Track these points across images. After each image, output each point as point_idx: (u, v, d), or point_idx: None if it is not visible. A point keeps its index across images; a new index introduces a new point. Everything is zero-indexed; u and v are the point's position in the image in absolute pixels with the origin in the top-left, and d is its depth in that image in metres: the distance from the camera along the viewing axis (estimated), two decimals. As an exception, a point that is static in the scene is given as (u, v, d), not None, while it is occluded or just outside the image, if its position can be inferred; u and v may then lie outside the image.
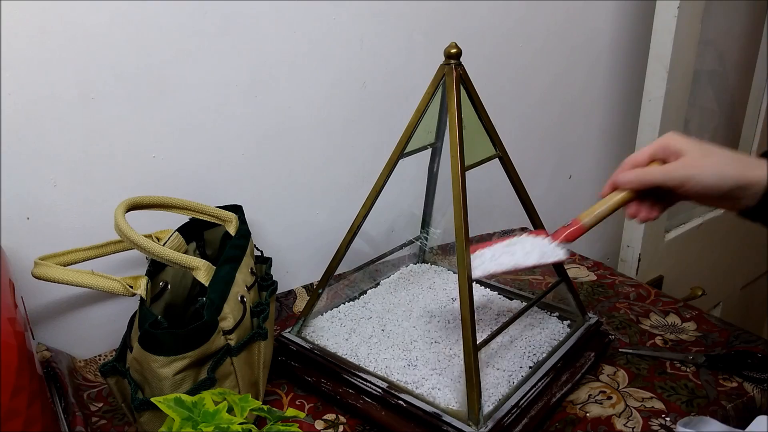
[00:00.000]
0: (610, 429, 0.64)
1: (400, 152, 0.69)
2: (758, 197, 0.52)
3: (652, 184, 0.56)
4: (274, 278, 0.75)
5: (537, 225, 0.71)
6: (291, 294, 0.94)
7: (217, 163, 0.85)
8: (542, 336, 0.73)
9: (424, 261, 0.94)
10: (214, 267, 0.64)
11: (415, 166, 0.76)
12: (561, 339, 0.73)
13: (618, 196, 0.58)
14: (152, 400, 0.50)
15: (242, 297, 0.64)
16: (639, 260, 1.32)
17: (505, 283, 0.86)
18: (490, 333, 0.65)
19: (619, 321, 0.84)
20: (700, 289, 1.36)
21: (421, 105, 0.68)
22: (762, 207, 0.52)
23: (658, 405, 0.67)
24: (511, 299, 0.82)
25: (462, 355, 0.61)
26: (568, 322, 0.76)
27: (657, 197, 0.58)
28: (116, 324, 0.81)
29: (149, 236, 0.72)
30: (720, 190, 0.53)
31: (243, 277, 0.66)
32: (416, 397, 0.63)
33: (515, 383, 0.65)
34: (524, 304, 0.72)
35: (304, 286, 0.96)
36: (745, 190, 0.53)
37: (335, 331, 0.75)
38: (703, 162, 0.53)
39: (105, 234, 0.67)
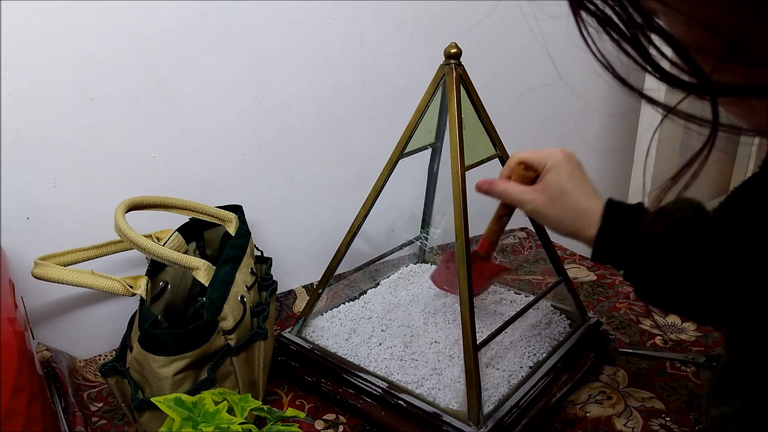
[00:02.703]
0: (610, 429, 0.64)
1: (400, 152, 0.69)
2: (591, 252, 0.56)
3: (509, 202, 0.61)
4: (274, 278, 0.75)
5: (537, 225, 0.71)
6: (291, 294, 0.94)
7: (217, 163, 0.85)
8: (542, 336, 0.73)
9: (424, 261, 0.94)
10: (214, 267, 0.64)
11: (415, 166, 0.76)
12: (561, 339, 0.73)
13: (499, 213, 0.65)
14: (152, 400, 0.50)
15: (242, 297, 0.64)
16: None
17: (505, 283, 0.86)
18: (490, 333, 0.65)
19: (619, 321, 0.84)
20: (700, 289, 1.36)
21: (421, 105, 0.68)
22: (596, 257, 0.55)
23: (658, 405, 0.67)
24: (511, 299, 0.82)
25: (462, 355, 0.61)
26: (568, 322, 0.76)
27: None
28: (116, 324, 0.81)
29: (149, 236, 0.72)
30: (560, 232, 0.58)
31: (243, 277, 0.66)
32: (416, 397, 0.63)
33: (515, 383, 0.65)
34: (524, 304, 0.72)
35: (304, 286, 0.96)
36: (582, 241, 0.57)
37: (335, 331, 0.75)
38: (547, 210, 0.57)
39: (105, 234, 0.67)
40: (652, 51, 0.25)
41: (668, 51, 0.25)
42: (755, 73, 0.22)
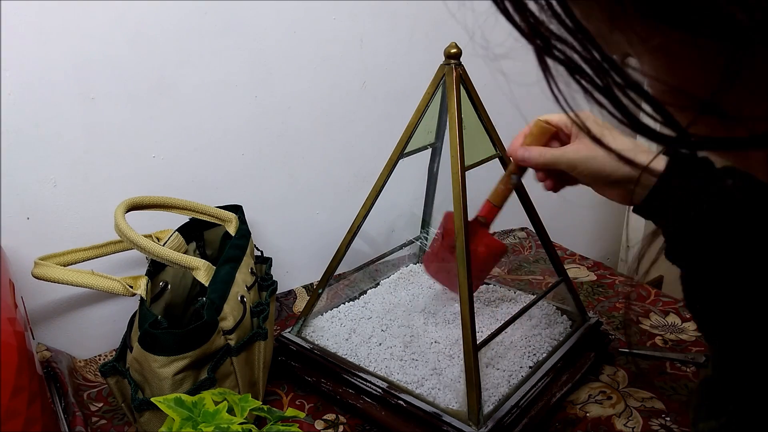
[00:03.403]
0: (610, 429, 0.64)
1: (400, 152, 0.69)
2: (644, 195, 0.51)
3: (544, 165, 0.57)
4: (274, 278, 0.75)
5: (537, 225, 0.71)
6: (291, 294, 0.94)
7: (217, 163, 0.85)
8: (542, 336, 0.73)
9: (424, 261, 0.94)
10: (214, 267, 0.64)
11: (415, 166, 0.76)
12: (561, 339, 0.73)
13: (509, 174, 0.61)
14: (152, 400, 0.50)
15: (242, 297, 0.64)
16: (639, 260, 1.32)
17: (506, 283, 0.86)
18: (490, 333, 0.65)
19: (619, 321, 0.84)
20: (700, 289, 1.36)
21: (421, 105, 0.68)
22: (647, 205, 0.51)
23: (658, 405, 0.67)
24: (511, 299, 0.82)
25: (462, 355, 0.61)
26: (569, 322, 0.76)
27: (558, 175, 0.59)
28: (116, 324, 0.81)
29: (149, 236, 0.72)
30: (609, 178, 0.53)
31: (243, 277, 0.66)
32: (416, 397, 0.63)
33: (515, 383, 0.65)
34: (524, 304, 0.72)
35: (304, 286, 0.96)
36: (635, 184, 0.52)
37: (335, 331, 0.75)
38: (595, 152, 0.53)
39: (105, 234, 0.67)
40: (628, 102, 0.24)
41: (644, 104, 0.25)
42: (733, 128, 0.22)
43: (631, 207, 0.53)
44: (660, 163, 0.49)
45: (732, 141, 0.23)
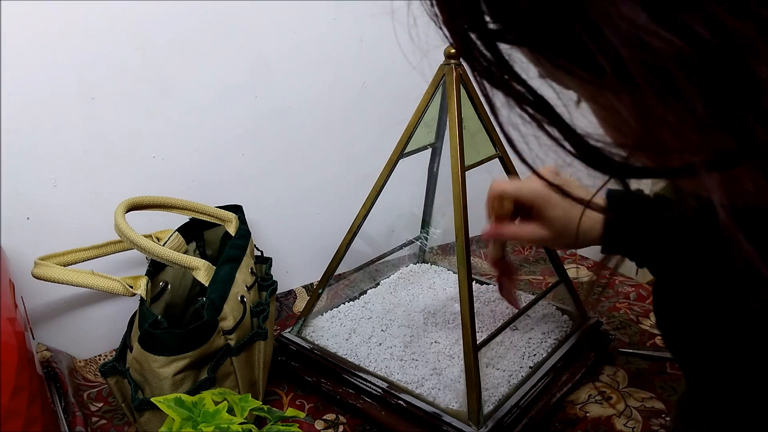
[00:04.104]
0: (610, 429, 0.64)
1: (400, 152, 0.69)
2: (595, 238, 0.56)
3: (523, 242, 0.62)
4: (274, 278, 0.75)
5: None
6: (291, 294, 0.94)
7: (217, 163, 0.85)
8: (542, 336, 0.73)
9: (424, 261, 0.94)
10: (214, 267, 0.64)
11: (415, 166, 0.76)
12: (561, 339, 0.73)
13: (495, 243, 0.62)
14: (152, 400, 0.50)
15: (242, 297, 0.64)
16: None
17: (505, 283, 0.86)
18: (490, 333, 0.65)
19: (619, 321, 0.84)
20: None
21: (421, 105, 0.68)
22: (608, 245, 0.55)
23: (658, 405, 0.67)
24: (511, 299, 0.82)
25: (462, 355, 0.61)
26: (569, 322, 0.76)
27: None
28: (116, 324, 0.81)
29: (149, 236, 0.72)
30: (576, 248, 0.58)
31: (243, 277, 0.66)
32: (416, 397, 0.63)
33: (515, 383, 0.65)
34: (524, 304, 0.72)
35: (304, 286, 0.96)
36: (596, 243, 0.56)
37: (335, 331, 0.75)
38: (560, 239, 0.57)
39: (105, 234, 0.67)
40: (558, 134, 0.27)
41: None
42: (667, 158, 0.24)
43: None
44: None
45: (667, 170, 0.25)
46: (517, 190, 0.58)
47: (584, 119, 0.26)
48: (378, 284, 0.87)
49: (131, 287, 0.60)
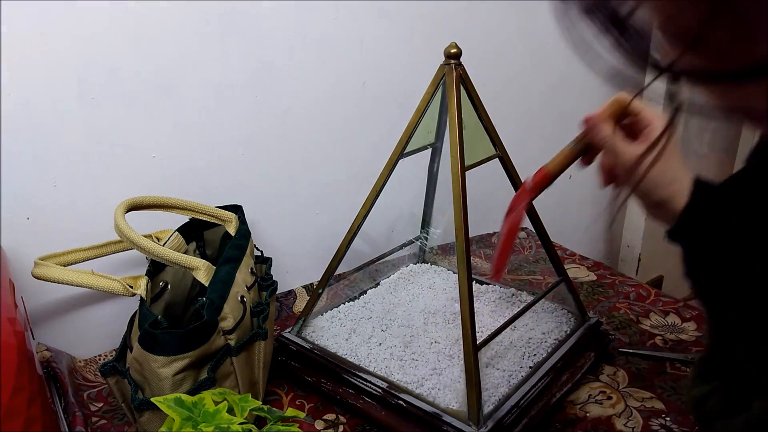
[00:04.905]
0: (610, 429, 0.64)
1: (400, 152, 0.69)
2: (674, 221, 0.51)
3: (609, 150, 0.55)
4: (274, 278, 0.75)
5: (537, 225, 0.71)
6: (291, 294, 0.94)
7: (217, 163, 0.85)
8: (542, 336, 0.73)
9: (424, 261, 0.94)
10: (214, 267, 0.64)
11: (415, 166, 0.76)
12: (561, 339, 0.73)
13: (578, 148, 0.57)
14: (152, 400, 0.50)
15: (242, 297, 0.64)
16: (639, 260, 1.32)
17: (505, 283, 0.86)
18: (490, 333, 0.65)
19: (619, 321, 0.84)
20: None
21: (421, 105, 0.68)
22: (674, 232, 0.50)
23: (658, 405, 0.67)
24: (511, 299, 0.82)
25: (462, 355, 0.61)
26: (569, 322, 0.76)
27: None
28: (116, 324, 0.80)
29: (149, 236, 0.72)
30: (646, 201, 0.53)
31: (243, 277, 0.66)
32: (416, 397, 0.63)
33: (515, 383, 0.65)
34: (524, 304, 0.72)
35: (304, 286, 0.96)
36: (668, 211, 0.53)
37: (335, 331, 0.75)
38: (650, 168, 0.52)
39: (105, 234, 0.67)
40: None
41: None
42: (724, 60, 0.24)
43: (644, 216, 0.56)
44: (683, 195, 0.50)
45: (721, 73, 0.25)
46: (643, 105, 0.55)
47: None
48: (378, 284, 0.87)
49: (131, 287, 0.60)
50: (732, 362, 0.39)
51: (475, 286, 0.84)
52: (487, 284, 0.86)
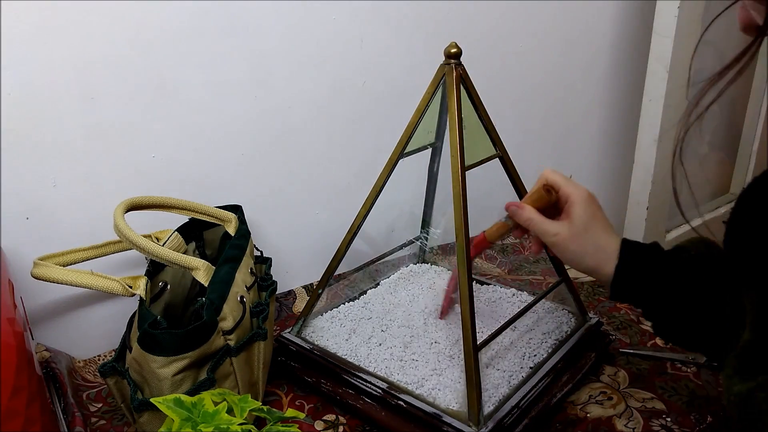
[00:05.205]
0: (610, 429, 0.64)
1: (400, 152, 0.69)
2: (609, 293, 0.58)
3: (532, 231, 0.61)
4: (273, 278, 0.75)
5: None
6: (291, 294, 0.94)
7: (217, 163, 0.85)
8: (542, 336, 0.73)
9: (424, 261, 0.94)
10: (214, 267, 0.64)
11: (415, 166, 0.76)
12: (561, 339, 0.73)
13: (510, 223, 0.63)
14: (152, 400, 0.50)
15: (242, 297, 0.64)
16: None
17: (506, 283, 0.86)
18: (490, 333, 0.65)
19: (619, 321, 0.84)
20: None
21: (421, 105, 0.68)
22: (614, 296, 0.57)
23: (659, 405, 0.67)
24: (511, 299, 0.82)
25: (462, 356, 0.61)
26: (569, 322, 0.76)
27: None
28: (116, 324, 0.80)
29: (149, 236, 0.72)
30: (577, 270, 0.59)
31: (243, 277, 0.66)
32: (416, 397, 0.63)
33: (515, 384, 0.65)
34: (524, 304, 0.72)
35: (304, 286, 0.96)
36: (600, 278, 0.58)
37: (335, 332, 0.75)
38: (569, 243, 0.58)
39: (105, 234, 0.67)
40: None
41: None
42: None
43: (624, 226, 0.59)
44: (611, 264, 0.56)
45: None
46: (564, 180, 0.60)
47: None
48: (378, 284, 0.87)
49: (130, 287, 0.60)
50: None
51: (475, 286, 0.84)
52: (488, 284, 0.86)
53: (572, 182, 0.60)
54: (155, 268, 0.69)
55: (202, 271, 0.63)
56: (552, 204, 0.61)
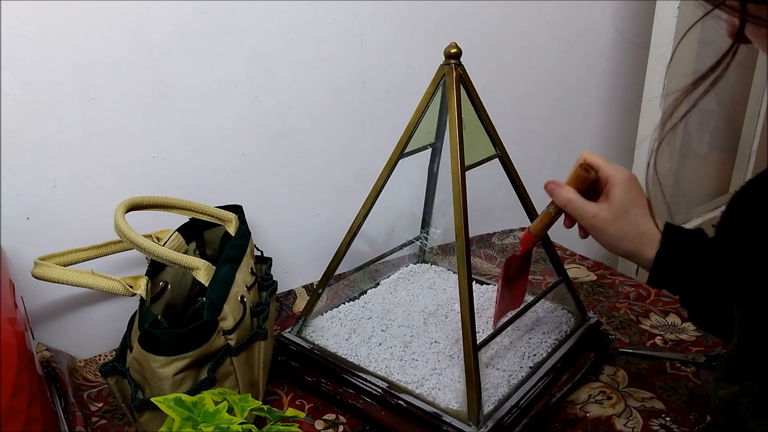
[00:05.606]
0: (610, 429, 0.64)
1: (400, 152, 0.69)
2: (648, 275, 0.57)
3: (570, 213, 0.60)
4: (274, 278, 0.75)
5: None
6: (291, 294, 0.94)
7: (217, 163, 0.85)
8: (542, 336, 0.73)
9: (424, 261, 0.94)
10: (214, 267, 0.64)
11: (415, 166, 0.76)
12: (561, 339, 0.73)
13: (552, 210, 0.63)
14: (152, 400, 0.50)
15: (242, 297, 0.64)
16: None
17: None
18: (490, 333, 0.65)
19: (619, 321, 0.84)
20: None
21: (421, 105, 0.68)
22: (653, 282, 0.57)
23: (658, 405, 0.67)
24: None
25: (462, 355, 0.61)
26: (569, 322, 0.76)
27: None
28: (116, 324, 0.81)
29: (149, 236, 0.72)
30: (615, 254, 0.58)
31: (243, 277, 0.66)
32: (416, 397, 0.63)
33: (515, 383, 0.65)
34: (524, 304, 0.72)
35: (304, 286, 0.96)
36: (639, 263, 0.57)
37: (335, 331, 0.75)
38: (608, 226, 0.57)
39: (105, 234, 0.67)
40: None
41: None
42: None
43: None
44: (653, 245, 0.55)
45: None
46: (604, 161, 0.59)
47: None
48: (378, 284, 0.87)
49: (131, 287, 0.60)
50: (763, 361, 0.39)
51: (475, 286, 0.84)
52: (487, 284, 0.86)
53: (612, 163, 0.59)
54: (156, 268, 0.69)
55: (203, 271, 0.63)
56: (592, 186, 0.60)
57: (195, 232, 0.77)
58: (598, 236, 0.58)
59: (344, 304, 0.81)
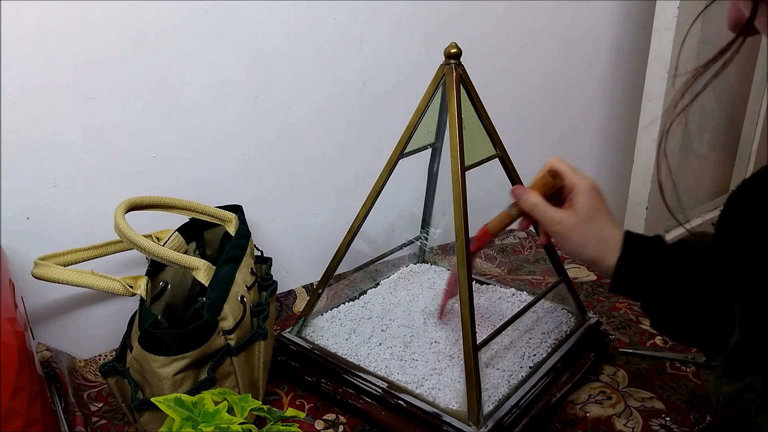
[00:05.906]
0: (610, 429, 0.64)
1: (400, 152, 0.69)
2: (609, 282, 0.58)
3: (535, 217, 0.61)
4: (274, 278, 0.75)
5: (537, 225, 0.71)
6: (291, 294, 0.94)
7: (217, 163, 0.85)
8: (542, 336, 0.73)
9: (424, 261, 0.94)
10: (214, 267, 0.64)
11: (415, 166, 0.76)
12: (561, 339, 0.73)
13: (513, 212, 0.63)
14: (152, 400, 0.50)
15: (242, 297, 0.64)
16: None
17: (505, 283, 0.86)
18: (490, 333, 0.65)
19: (619, 321, 0.84)
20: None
21: (421, 105, 0.68)
22: (614, 288, 0.57)
23: (658, 405, 0.67)
24: (511, 299, 0.82)
25: (462, 355, 0.61)
26: (569, 322, 0.76)
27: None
28: (116, 324, 0.81)
29: (149, 236, 0.72)
30: (577, 260, 0.59)
31: (243, 277, 0.66)
32: (416, 397, 0.63)
33: (515, 383, 0.65)
34: (524, 304, 0.72)
35: (304, 286, 0.96)
36: (601, 269, 0.58)
37: (335, 331, 0.75)
38: (571, 233, 0.58)
39: (105, 234, 0.67)
40: None
41: None
42: None
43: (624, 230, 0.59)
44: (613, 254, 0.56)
45: None
46: (570, 169, 0.60)
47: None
48: (378, 284, 0.87)
49: (131, 287, 0.60)
50: (766, 356, 0.39)
51: (475, 286, 0.84)
52: (487, 284, 0.86)
53: (577, 172, 0.60)
54: (156, 268, 0.69)
55: (203, 271, 0.63)
56: (556, 192, 0.61)
57: (195, 232, 0.77)
58: (562, 242, 0.59)
59: (344, 304, 0.81)
